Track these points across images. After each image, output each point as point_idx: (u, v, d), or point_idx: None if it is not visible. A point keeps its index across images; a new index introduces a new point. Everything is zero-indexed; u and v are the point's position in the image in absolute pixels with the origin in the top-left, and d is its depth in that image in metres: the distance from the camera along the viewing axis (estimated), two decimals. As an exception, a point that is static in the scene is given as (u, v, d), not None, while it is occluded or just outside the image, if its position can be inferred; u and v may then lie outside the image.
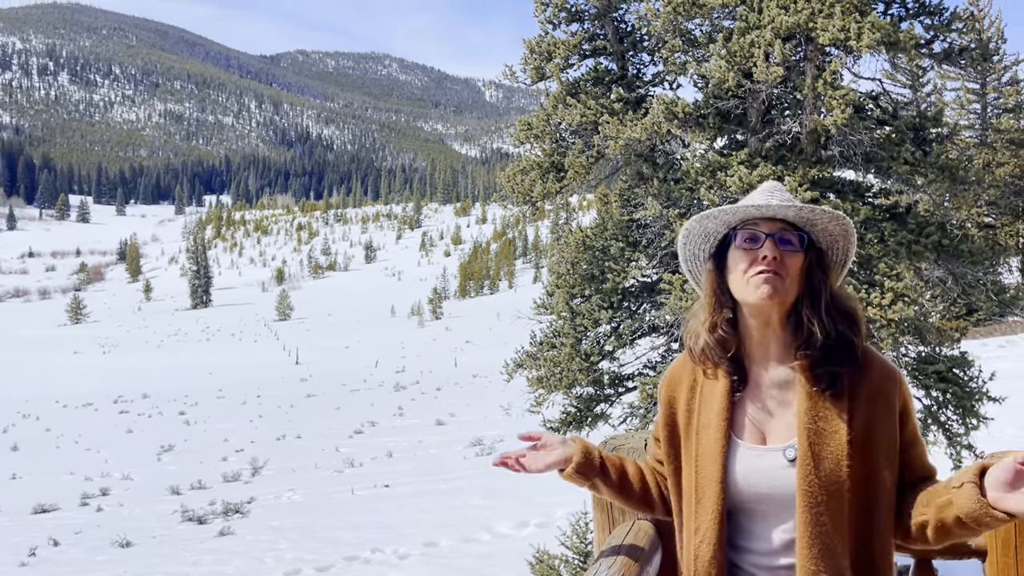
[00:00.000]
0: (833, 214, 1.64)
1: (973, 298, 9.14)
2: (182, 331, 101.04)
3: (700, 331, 1.70)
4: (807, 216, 1.63)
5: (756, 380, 1.67)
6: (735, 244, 1.65)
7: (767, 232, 1.62)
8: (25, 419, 39.57)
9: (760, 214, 1.63)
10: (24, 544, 14.79)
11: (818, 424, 1.57)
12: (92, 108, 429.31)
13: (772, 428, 1.63)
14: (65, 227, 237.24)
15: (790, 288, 1.62)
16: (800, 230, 1.64)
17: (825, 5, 7.25)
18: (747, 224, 1.65)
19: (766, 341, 1.65)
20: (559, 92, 9.34)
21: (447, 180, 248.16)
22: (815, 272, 1.64)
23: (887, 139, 7.71)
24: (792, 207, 1.61)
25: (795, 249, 1.63)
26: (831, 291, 1.64)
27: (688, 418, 1.73)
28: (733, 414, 1.66)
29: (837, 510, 1.55)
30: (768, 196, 1.66)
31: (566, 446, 1.77)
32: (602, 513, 1.93)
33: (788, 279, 1.61)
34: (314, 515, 15.90)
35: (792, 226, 1.64)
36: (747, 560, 1.65)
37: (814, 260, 1.65)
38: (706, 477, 1.65)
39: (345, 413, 35.33)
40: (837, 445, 1.55)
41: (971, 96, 27.56)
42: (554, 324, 9.89)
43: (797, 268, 1.63)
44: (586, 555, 8.57)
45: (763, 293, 1.59)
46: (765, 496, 1.61)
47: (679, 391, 1.77)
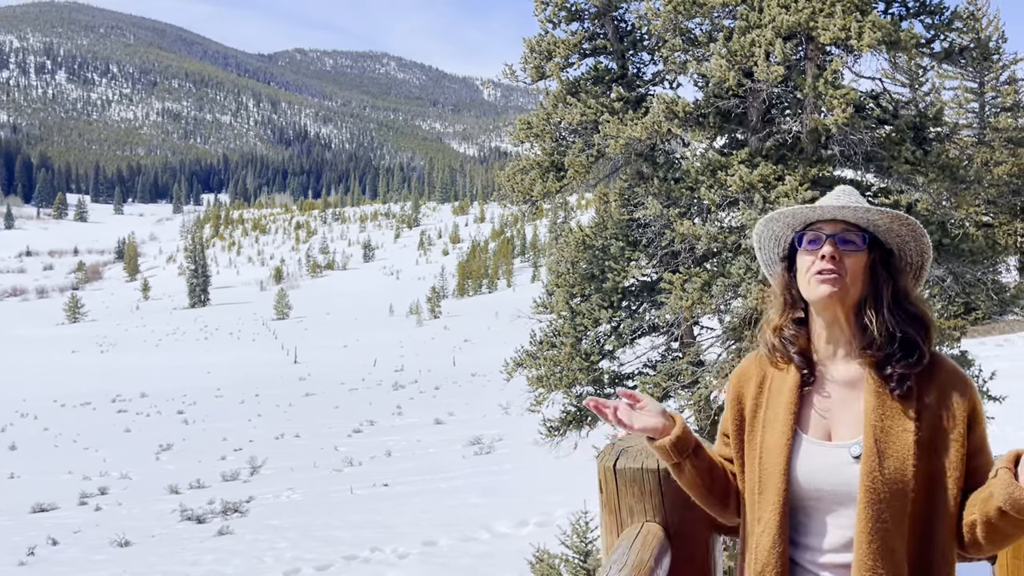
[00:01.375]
0: (894, 214, 1.65)
1: (973, 297, 9.14)
2: (180, 330, 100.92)
3: (769, 329, 1.76)
4: (864, 216, 1.66)
5: (824, 377, 1.69)
6: (800, 247, 1.70)
7: (828, 233, 1.66)
8: (23, 418, 39.52)
9: (818, 216, 1.68)
10: (23, 543, 14.77)
11: (884, 422, 1.58)
12: (90, 107, 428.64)
13: (838, 424, 1.65)
14: (63, 226, 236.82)
15: (850, 287, 1.64)
16: (864, 231, 1.67)
17: (826, 4, 7.25)
18: (810, 226, 1.70)
19: (834, 339, 1.68)
20: (559, 91, 9.34)
21: (445, 179, 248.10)
22: (879, 272, 1.65)
23: (887, 138, 7.71)
24: (849, 207, 1.65)
25: (856, 248, 1.65)
26: (900, 292, 1.65)
27: (755, 412, 1.75)
28: (800, 409, 1.69)
29: (899, 510, 1.56)
30: (835, 199, 1.69)
31: (666, 416, 1.74)
32: (610, 515, 1.92)
33: (848, 278, 1.64)
34: (313, 514, 15.89)
35: (856, 227, 1.67)
36: (804, 556, 1.66)
37: (878, 260, 1.66)
38: (769, 469, 1.67)
39: (344, 412, 35.32)
40: (903, 445, 1.56)
41: (969, 95, 27.59)
42: (554, 323, 9.89)
43: (859, 267, 1.65)
44: (587, 554, 8.57)
45: (822, 291, 1.63)
46: (827, 492, 1.62)
47: (747, 386, 1.79)
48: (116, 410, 41.41)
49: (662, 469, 1.86)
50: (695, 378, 8.70)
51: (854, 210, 1.64)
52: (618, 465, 1.90)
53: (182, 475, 21.83)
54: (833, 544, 1.62)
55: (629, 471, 1.89)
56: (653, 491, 1.87)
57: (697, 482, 1.77)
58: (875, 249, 1.67)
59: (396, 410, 34.65)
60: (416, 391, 42.27)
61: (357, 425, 30.69)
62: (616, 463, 1.91)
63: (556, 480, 14.48)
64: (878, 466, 1.55)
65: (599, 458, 1.96)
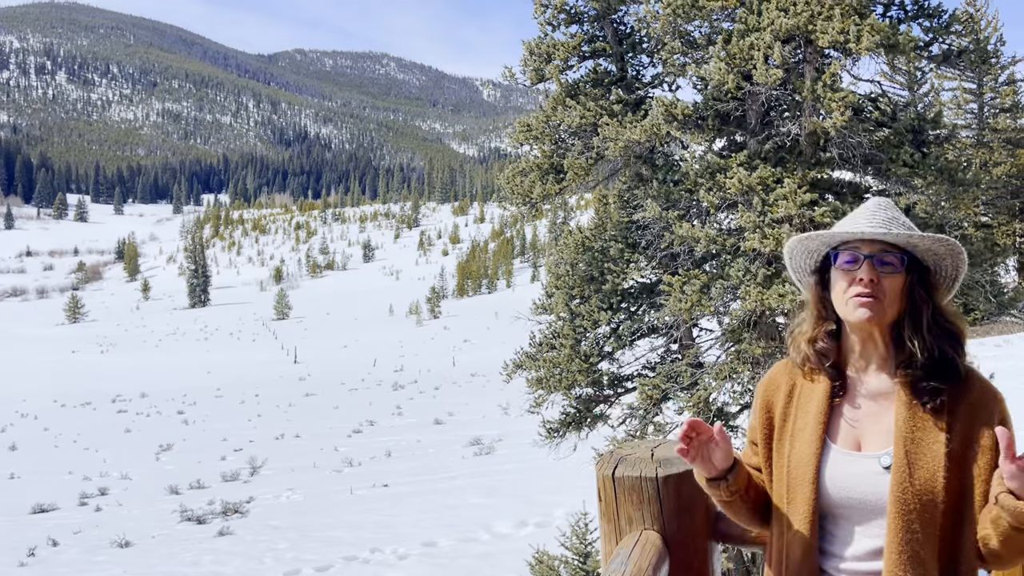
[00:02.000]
0: (935, 238, 1.63)
1: (971, 299, 9.16)
2: (180, 330, 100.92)
3: (802, 341, 1.74)
4: (905, 241, 1.64)
5: (855, 387, 1.69)
6: (835, 264, 1.68)
7: (866, 254, 1.64)
8: (23, 418, 39.53)
9: (859, 237, 1.65)
10: (23, 544, 14.79)
11: (916, 434, 1.59)
12: (90, 107, 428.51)
13: (868, 435, 1.65)
14: (63, 226, 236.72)
15: (888, 309, 1.63)
16: (902, 250, 1.65)
17: (824, 7, 7.26)
18: (848, 244, 1.67)
19: (867, 354, 1.68)
20: (558, 94, 9.35)
21: (445, 179, 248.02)
22: (917, 291, 1.64)
23: (886, 141, 7.72)
24: (889, 232, 1.62)
25: (895, 270, 1.63)
26: (936, 309, 1.65)
27: (784, 421, 1.75)
28: (830, 419, 1.69)
29: (929, 521, 1.56)
30: (871, 215, 1.66)
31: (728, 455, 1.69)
32: (609, 523, 1.94)
33: (886, 300, 1.63)
34: (313, 515, 15.91)
35: (894, 245, 1.65)
36: (831, 564, 1.67)
37: (915, 280, 1.65)
38: (799, 478, 1.67)
39: (343, 412, 35.34)
40: (934, 456, 1.57)
41: (968, 96, 27.60)
42: (553, 325, 9.91)
43: (897, 289, 1.64)
44: (586, 556, 8.59)
45: (860, 316, 1.62)
46: (857, 501, 1.63)
47: (777, 395, 1.78)
48: (116, 410, 41.42)
49: (660, 477, 1.88)
50: (694, 380, 8.72)
51: (896, 235, 1.62)
52: (616, 473, 1.92)
53: (182, 475, 21.85)
54: (860, 553, 1.64)
55: (628, 479, 1.90)
56: (651, 499, 1.89)
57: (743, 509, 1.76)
58: (913, 269, 1.65)
59: (396, 410, 34.67)
60: (416, 391, 42.28)
61: (357, 425, 30.71)
62: (615, 471, 1.92)
63: (556, 481, 14.50)
64: (908, 477, 1.56)
65: (597, 466, 1.98)
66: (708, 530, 1.95)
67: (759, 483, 1.80)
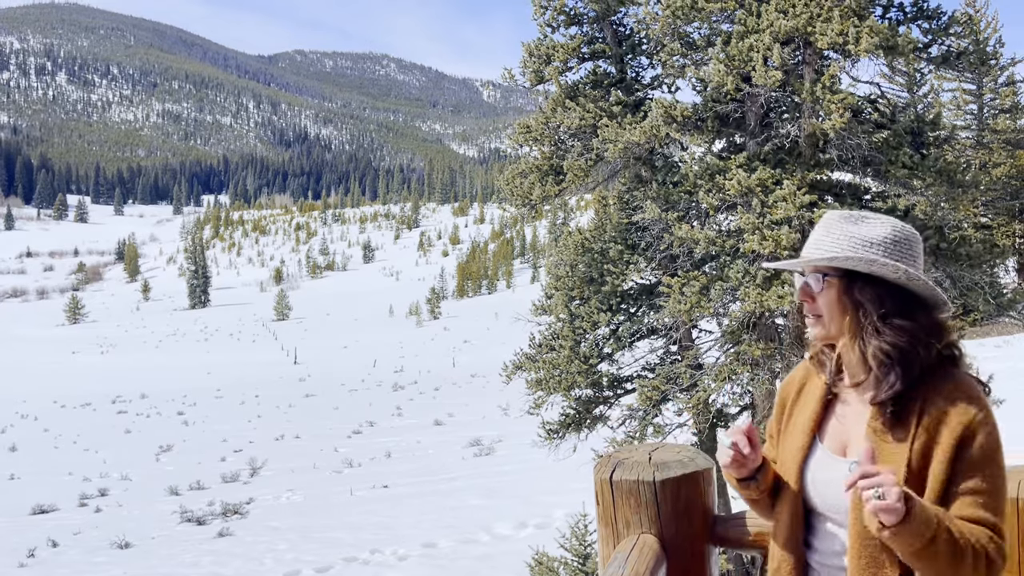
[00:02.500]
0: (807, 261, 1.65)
1: (970, 300, 9.17)
2: (180, 331, 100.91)
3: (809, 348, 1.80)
4: (804, 265, 1.68)
5: (850, 392, 1.71)
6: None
7: (801, 274, 1.71)
8: (23, 419, 39.53)
9: (781, 268, 1.73)
10: (23, 545, 14.79)
11: (879, 441, 1.60)
12: (90, 108, 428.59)
13: (853, 439, 1.68)
14: (63, 227, 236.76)
15: (830, 324, 1.66)
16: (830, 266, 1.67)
17: (823, 9, 7.27)
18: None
19: (849, 362, 1.70)
20: (558, 95, 9.36)
21: (445, 180, 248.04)
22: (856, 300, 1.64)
23: (885, 143, 7.73)
24: (793, 261, 1.68)
25: (823, 286, 1.66)
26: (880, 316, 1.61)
27: (789, 416, 1.81)
28: (824, 418, 1.73)
29: None
30: (811, 237, 1.70)
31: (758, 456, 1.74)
32: (606, 527, 1.94)
33: (826, 317, 1.66)
34: (313, 516, 15.91)
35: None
36: (813, 557, 1.73)
37: (846, 287, 1.64)
38: (787, 473, 1.74)
39: (343, 413, 35.34)
40: (894, 465, 1.56)
41: (968, 97, 27.62)
42: (553, 326, 9.91)
43: (832, 302, 1.66)
44: (585, 557, 8.59)
45: (808, 335, 1.70)
46: (830, 502, 1.68)
47: (791, 391, 1.84)
48: (116, 411, 41.42)
49: (658, 481, 1.88)
50: (694, 381, 8.73)
51: (796, 263, 1.68)
52: (614, 477, 1.92)
53: (182, 476, 21.85)
54: (835, 549, 1.68)
55: (625, 483, 1.90)
56: (649, 503, 1.89)
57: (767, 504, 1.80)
58: (850, 278, 1.64)
59: (396, 411, 34.67)
60: (416, 392, 42.28)
61: (357, 426, 30.71)
62: (612, 475, 1.92)
63: (555, 482, 14.50)
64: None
65: (595, 470, 1.98)
66: (705, 534, 1.95)
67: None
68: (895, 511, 1.40)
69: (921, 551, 1.45)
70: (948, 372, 1.60)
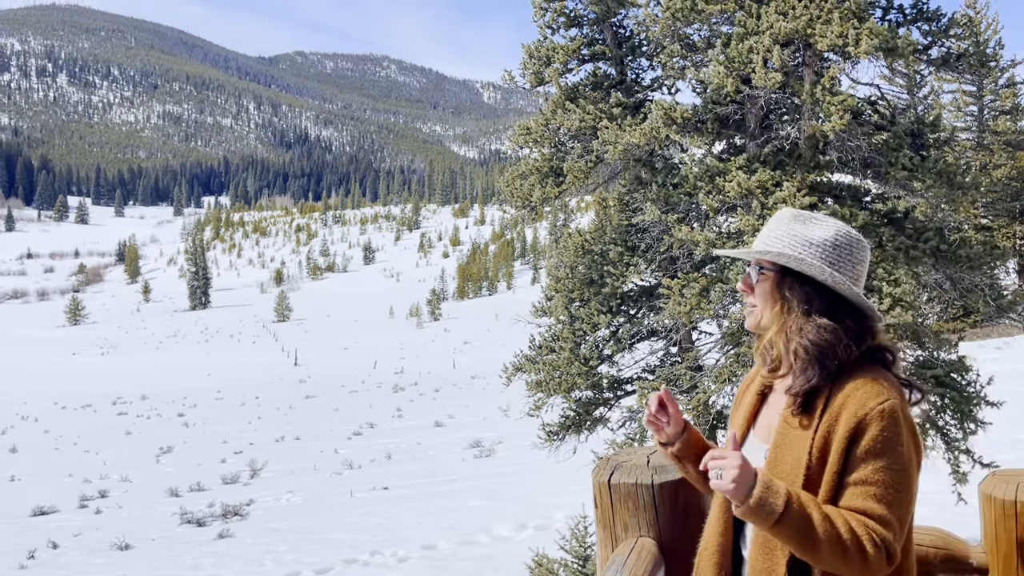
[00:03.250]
0: (747, 252, 1.77)
1: (971, 302, 9.16)
2: (181, 332, 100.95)
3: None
4: (743, 257, 1.80)
5: (780, 382, 1.80)
6: None
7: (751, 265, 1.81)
8: (24, 421, 39.54)
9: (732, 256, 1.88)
10: (23, 546, 14.79)
11: (786, 432, 1.69)
12: (91, 109, 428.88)
13: (774, 427, 1.76)
14: (64, 228, 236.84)
15: (761, 314, 1.77)
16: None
17: (823, 11, 7.27)
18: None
19: (777, 353, 1.77)
20: (558, 97, 9.36)
21: (445, 181, 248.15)
22: (785, 294, 1.72)
23: (885, 144, 7.72)
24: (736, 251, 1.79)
25: (761, 278, 1.77)
26: (804, 313, 1.69)
27: (735, 408, 1.92)
28: (759, 408, 1.84)
29: None
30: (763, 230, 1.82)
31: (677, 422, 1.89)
32: (605, 530, 1.94)
33: (759, 307, 1.77)
34: (313, 517, 15.91)
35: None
36: (740, 542, 1.81)
37: (778, 282, 1.74)
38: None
39: (344, 415, 35.34)
40: (796, 456, 1.64)
41: (968, 98, 27.63)
42: (553, 328, 9.90)
43: (766, 293, 1.76)
44: (585, 559, 8.58)
45: (746, 325, 1.80)
46: None
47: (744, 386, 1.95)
48: (116, 412, 41.43)
49: (656, 484, 1.89)
50: (694, 383, 8.72)
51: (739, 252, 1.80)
52: (612, 480, 1.92)
53: (182, 478, 21.85)
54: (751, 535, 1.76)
55: (623, 486, 1.91)
56: (647, 506, 1.89)
57: (690, 471, 1.92)
58: (783, 273, 1.73)
59: (396, 412, 34.67)
60: (416, 393, 42.29)
61: (357, 428, 30.71)
62: (611, 478, 1.92)
63: (555, 484, 14.50)
64: (771, 471, 1.66)
65: (594, 473, 1.98)
66: (704, 537, 1.95)
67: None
68: (728, 491, 1.51)
69: (772, 530, 1.52)
70: (865, 370, 1.66)
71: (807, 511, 1.52)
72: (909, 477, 1.60)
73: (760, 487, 1.52)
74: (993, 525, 1.90)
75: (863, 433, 1.59)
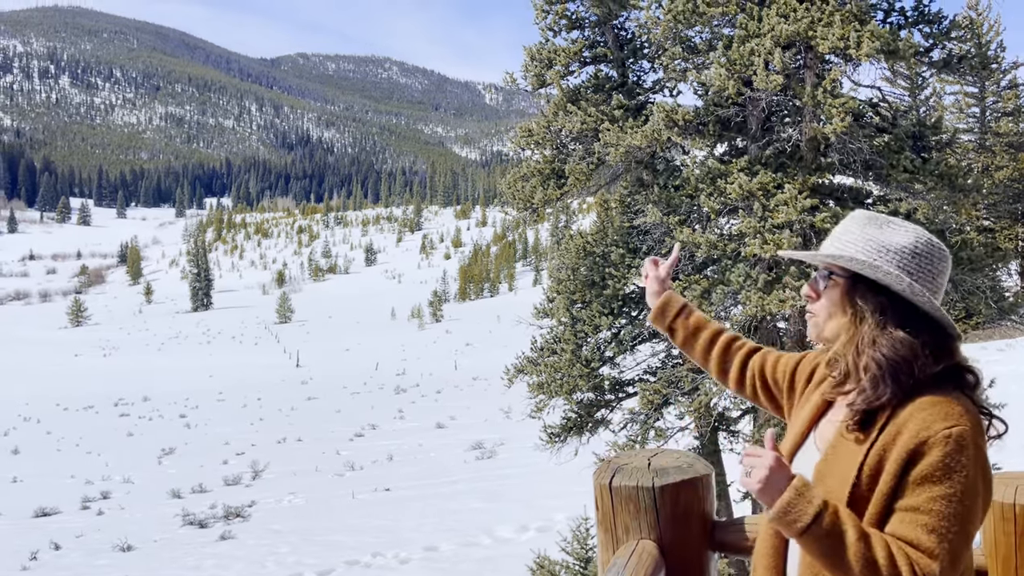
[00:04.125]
0: (815, 255, 1.63)
1: (972, 304, 9.16)
2: (183, 334, 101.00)
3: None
4: (811, 259, 1.68)
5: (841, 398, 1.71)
6: None
7: (816, 270, 1.70)
8: (26, 422, 39.57)
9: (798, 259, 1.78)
10: (25, 548, 14.81)
11: (839, 444, 1.59)
12: (93, 111, 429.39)
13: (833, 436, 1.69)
14: (66, 230, 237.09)
15: (826, 323, 1.65)
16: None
17: (824, 14, 7.28)
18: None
19: (844, 365, 1.66)
20: (560, 99, 9.37)
21: (447, 183, 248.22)
22: (856, 304, 1.60)
23: (886, 147, 7.73)
24: (810, 254, 1.64)
25: (830, 284, 1.64)
26: (875, 325, 1.57)
27: (799, 393, 1.86)
28: (822, 411, 1.73)
29: None
30: (833, 232, 1.68)
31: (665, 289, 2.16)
32: (606, 533, 1.95)
33: (823, 315, 1.66)
34: (315, 519, 15.92)
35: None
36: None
37: (849, 290, 1.61)
38: (785, 450, 1.74)
39: (345, 416, 35.34)
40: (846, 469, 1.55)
41: (970, 100, 27.60)
42: (555, 330, 9.91)
43: (835, 302, 1.63)
44: (587, 561, 8.59)
45: (808, 335, 1.70)
46: None
47: (807, 368, 1.87)
48: (118, 414, 41.46)
49: (657, 487, 1.89)
50: (695, 385, 8.73)
51: (807, 255, 1.67)
52: (614, 483, 1.93)
53: (184, 479, 21.87)
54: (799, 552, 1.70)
55: (625, 489, 1.91)
56: (648, 509, 1.90)
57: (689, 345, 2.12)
58: (855, 280, 1.60)
59: (398, 414, 34.67)
60: (418, 395, 42.29)
61: (359, 429, 30.72)
62: (612, 481, 1.93)
63: (557, 486, 14.49)
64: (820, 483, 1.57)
65: (595, 476, 1.99)
66: (705, 539, 1.96)
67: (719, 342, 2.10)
68: (754, 490, 1.46)
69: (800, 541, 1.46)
70: (937, 389, 1.52)
71: (841, 527, 1.43)
72: (970, 513, 1.44)
73: (791, 491, 1.44)
74: (992, 528, 1.91)
75: (922, 456, 1.45)
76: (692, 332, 2.13)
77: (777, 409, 1.99)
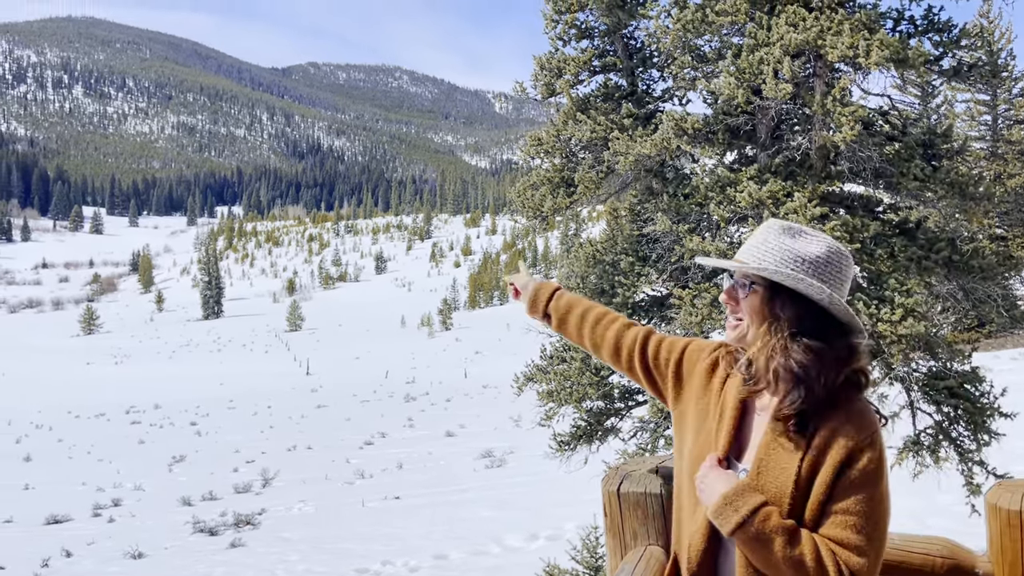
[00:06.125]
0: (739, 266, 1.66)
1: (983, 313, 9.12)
2: (193, 342, 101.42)
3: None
4: (732, 268, 1.72)
5: (757, 400, 1.73)
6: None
7: (731, 275, 1.74)
8: (38, 429, 39.80)
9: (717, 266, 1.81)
10: (37, 554, 14.88)
11: (771, 454, 1.63)
12: (106, 120, 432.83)
13: (750, 446, 1.71)
14: (78, 238, 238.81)
15: (747, 329, 1.69)
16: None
17: (834, 23, 7.29)
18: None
19: (758, 368, 1.70)
20: (569, 108, 9.40)
21: (457, 191, 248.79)
22: (775, 310, 1.64)
23: (896, 155, 7.72)
24: (723, 261, 1.72)
25: (747, 294, 1.69)
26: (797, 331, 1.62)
27: (695, 395, 1.82)
28: (739, 428, 1.73)
29: None
30: (749, 241, 1.72)
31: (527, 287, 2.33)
32: (614, 539, 1.97)
33: (746, 320, 1.69)
34: (324, 527, 15.94)
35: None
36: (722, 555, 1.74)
37: (767, 299, 1.65)
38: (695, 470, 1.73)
39: (355, 424, 35.39)
40: (782, 478, 1.60)
41: (982, 108, 27.51)
42: (564, 338, 9.91)
43: (753, 310, 1.68)
44: (596, 569, 8.57)
45: (727, 337, 1.74)
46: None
47: (704, 364, 1.84)
48: (130, 421, 41.65)
49: (665, 493, 1.91)
50: (705, 393, 8.71)
51: (729, 264, 1.71)
52: (622, 489, 1.94)
53: (195, 487, 21.94)
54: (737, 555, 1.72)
55: (632, 495, 1.93)
56: (656, 515, 1.92)
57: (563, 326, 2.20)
58: (774, 290, 1.65)
59: (407, 422, 34.69)
60: (427, 403, 42.30)
61: (369, 437, 30.75)
62: (620, 487, 1.95)
63: (567, 494, 14.47)
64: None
65: (603, 482, 2.01)
66: (713, 545, 1.97)
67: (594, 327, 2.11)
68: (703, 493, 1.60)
69: (734, 536, 1.55)
70: (848, 396, 1.62)
71: (770, 527, 1.51)
72: (888, 510, 1.59)
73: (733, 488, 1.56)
74: (999, 534, 1.91)
75: (852, 464, 1.57)
76: (564, 313, 2.19)
77: (655, 390, 1.95)
